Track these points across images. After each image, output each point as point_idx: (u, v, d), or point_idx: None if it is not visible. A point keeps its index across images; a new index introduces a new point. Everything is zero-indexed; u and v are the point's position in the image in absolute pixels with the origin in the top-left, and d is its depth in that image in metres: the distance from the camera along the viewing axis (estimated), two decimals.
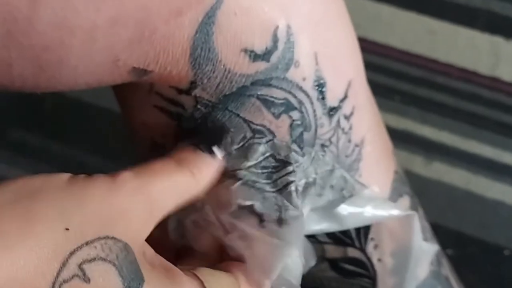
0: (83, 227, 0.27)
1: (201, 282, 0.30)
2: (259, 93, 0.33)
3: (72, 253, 0.26)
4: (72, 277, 0.26)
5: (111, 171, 0.69)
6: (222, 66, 0.32)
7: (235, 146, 0.33)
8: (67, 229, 0.26)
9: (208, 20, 0.30)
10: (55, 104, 0.33)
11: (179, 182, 0.32)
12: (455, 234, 0.69)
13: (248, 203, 0.33)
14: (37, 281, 0.25)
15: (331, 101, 0.35)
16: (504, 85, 0.79)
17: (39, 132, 0.74)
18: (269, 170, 0.34)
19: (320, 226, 0.36)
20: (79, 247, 0.26)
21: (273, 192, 0.34)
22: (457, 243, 0.68)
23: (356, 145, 0.37)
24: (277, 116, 0.33)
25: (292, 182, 0.34)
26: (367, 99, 0.38)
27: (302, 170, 0.34)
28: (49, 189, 0.28)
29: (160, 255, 0.31)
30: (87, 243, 0.27)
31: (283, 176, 0.34)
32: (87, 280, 0.26)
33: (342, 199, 0.36)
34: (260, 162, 0.34)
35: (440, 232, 0.46)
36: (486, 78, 0.80)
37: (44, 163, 0.72)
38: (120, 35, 0.29)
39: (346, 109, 0.36)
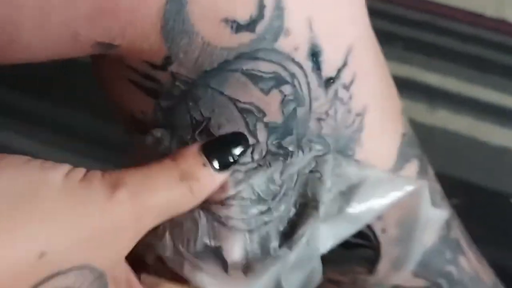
0: (62, 253, 0.25)
1: None
2: (244, 67, 0.30)
3: (41, 282, 0.25)
4: None
5: (100, 129, 0.68)
6: (199, 39, 0.29)
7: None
8: (42, 254, 0.25)
9: None
10: (39, 63, 0.31)
11: (176, 199, 0.29)
12: (460, 183, 0.68)
13: (215, 244, 0.32)
14: None
15: (328, 71, 0.32)
16: (511, 27, 0.78)
17: (25, 92, 0.72)
18: (247, 203, 0.31)
19: (334, 240, 0.35)
20: (51, 276, 0.25)
21: (246, 231, 0.32)
22: (462, 192, 0.67)
23: (357, 115, 0.34)
24: (266, 92, 0.31)
25: (267, 222, 0.32)
26: (372, 61, 0.35)
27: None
28: (39, 194, 0.26)
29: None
30: (60, 273, 0.25)
31: (258, 214, 0.32)
32: None
33: (350, 193, 0.34)
34: (239, 192, 0.31)
35: (445, 182, 0.45)
36: (492, 21, 0.78)
37: (32, 123, 0.70)
38: (76, 9, 0.27)
39: (345, 78, 0.33)
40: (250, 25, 0.29)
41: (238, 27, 0.29)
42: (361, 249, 0.36)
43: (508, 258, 0.63)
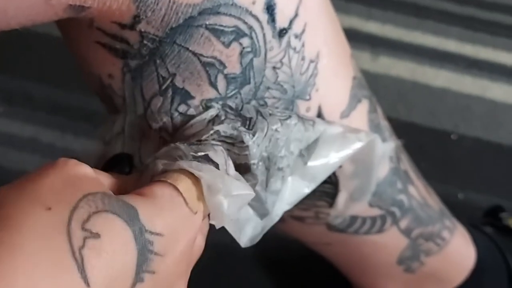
0: (59, 198, 0.27)
1: (170, 185, 0.30)
2: (207, 22, 0.32)
3: (69, 223, 0.26)
4: (84, 240, 0.26)
5: (61, 99, 0.68)
6: None
7: None
8: (49, 208, 0.26)
9: None
10: None
11: None
12: (406, 125, 0.71)
13: (200, 154, 0.32)
14: (60, 262, 0.25)
15: (281, 22, 0.34)
16: None
17: None
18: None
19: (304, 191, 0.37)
20: (71, 214, 0.26)
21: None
22: (408, 133, 0.70)
23: (311, 61, 0.36)
24: (227, 45, 0.33)
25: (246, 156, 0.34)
26: (323, 10, 0.37)
27: (257, 147, 0.34)
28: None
29: None
30: (74, 208, 0.26)
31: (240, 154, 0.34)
32: (97, 235, 0.26)
33: (307, 155, 0.36)
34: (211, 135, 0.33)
35: (391, 125, 0.47)
36: None
37: None
38: None
39: (296, 28, 0.35)
40: None
41: None
42: (321, 184, 0.38)
43: (451, 190, 0.67)
